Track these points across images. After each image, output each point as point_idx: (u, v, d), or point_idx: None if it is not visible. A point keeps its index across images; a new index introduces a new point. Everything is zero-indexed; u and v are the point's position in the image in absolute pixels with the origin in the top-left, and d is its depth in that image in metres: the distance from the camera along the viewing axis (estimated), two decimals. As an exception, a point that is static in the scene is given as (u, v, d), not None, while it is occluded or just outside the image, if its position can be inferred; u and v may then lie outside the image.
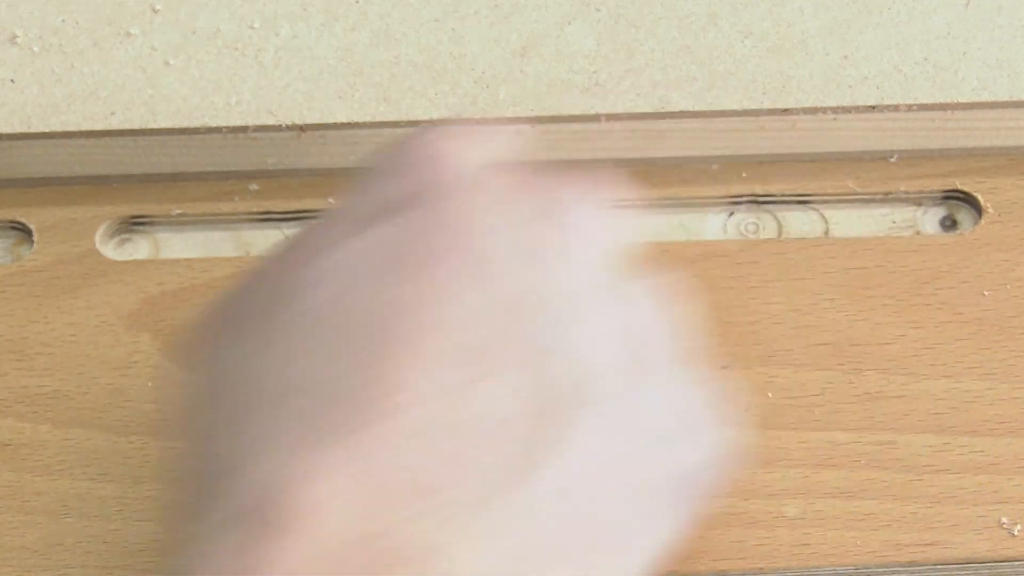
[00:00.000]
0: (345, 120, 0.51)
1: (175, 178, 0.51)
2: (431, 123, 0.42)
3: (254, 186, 0.51)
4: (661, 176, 0.51)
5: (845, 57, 0.52)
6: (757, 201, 0.51)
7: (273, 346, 0.37)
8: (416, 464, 0.35)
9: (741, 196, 0.51)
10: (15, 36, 0.52)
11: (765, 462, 0.46)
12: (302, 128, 0.51)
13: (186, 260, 0.50)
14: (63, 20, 0.52)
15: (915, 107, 0.51)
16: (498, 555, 0.35)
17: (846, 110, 0.51)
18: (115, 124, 0.50)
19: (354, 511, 0.34)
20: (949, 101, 0.51)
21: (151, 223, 0.51)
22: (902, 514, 0.45)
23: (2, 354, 0.48)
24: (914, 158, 0.51)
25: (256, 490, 0.34)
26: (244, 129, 0.50)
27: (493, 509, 0.35)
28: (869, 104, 0.51)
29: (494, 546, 0.35)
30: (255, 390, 0.36)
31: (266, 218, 0.51)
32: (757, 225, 0.51)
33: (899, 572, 0.45)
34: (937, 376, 0.47)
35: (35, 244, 0.50)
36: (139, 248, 0.51)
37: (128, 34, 0.52)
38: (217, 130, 0.50)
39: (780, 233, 0.51)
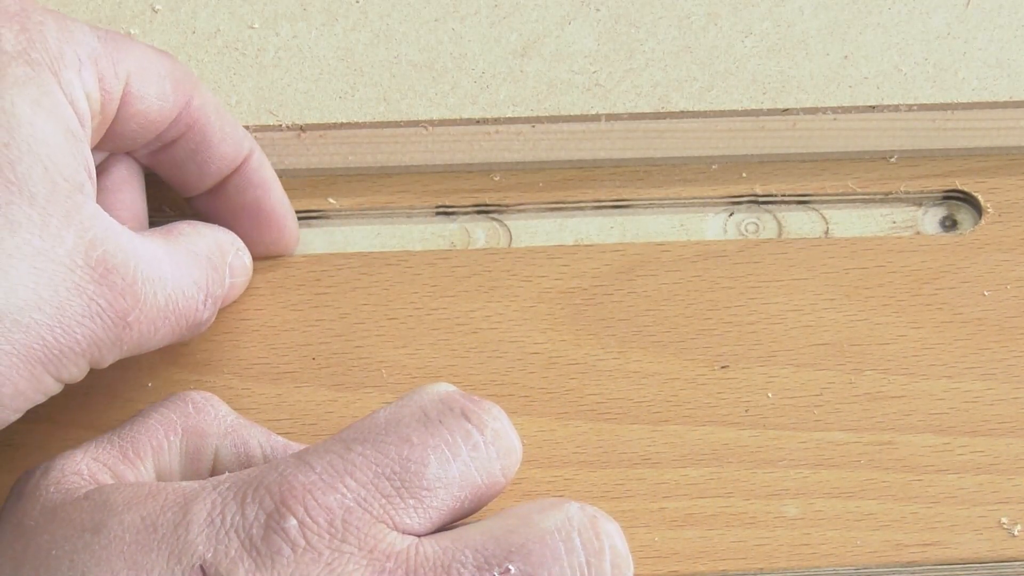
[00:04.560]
0: (345, 120, 0.51)
1: (175, 178, 0.51)
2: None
3: (254, 186, 0.51)
4: (661, 176, 0.51)
5: (845, 57, 0.52)
6: (757, 201, 0.51)
7: None
8: None
9: (741, 196, 0.51)
10: (15, 36, 0.52)
11: (765, 462, 0.46)
12: (302, 128, 0.51)
13: (186, 260, 0.50)
14: (63, 20, 0.52)
15: (915, 107, 0.51)
16: None
17: (846, 110, 0.51)
18: (115, 124, 0.50)
19: None
20: (949, 101, 0.51)
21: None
22: (902, 514, 0.45)
23: (2, 354, 0.48)
24: (914, 158, 0.51)
25: None
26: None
27: None
28: (869, 104, 0.51)
29: None
30: None
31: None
32: (757, 225, 0.51)
33: (899, 572, 0.45)
34: (937, 376, 0.47)
35: (35, 244, 0.50)
36: (139, 248, 0.51)
37: (128, 34, 0.52)
38: (217, 130, 0.50)
39: (780, 233, 0.51)
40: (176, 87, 0.45)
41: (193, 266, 0.45)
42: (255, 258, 0.49)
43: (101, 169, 0.47)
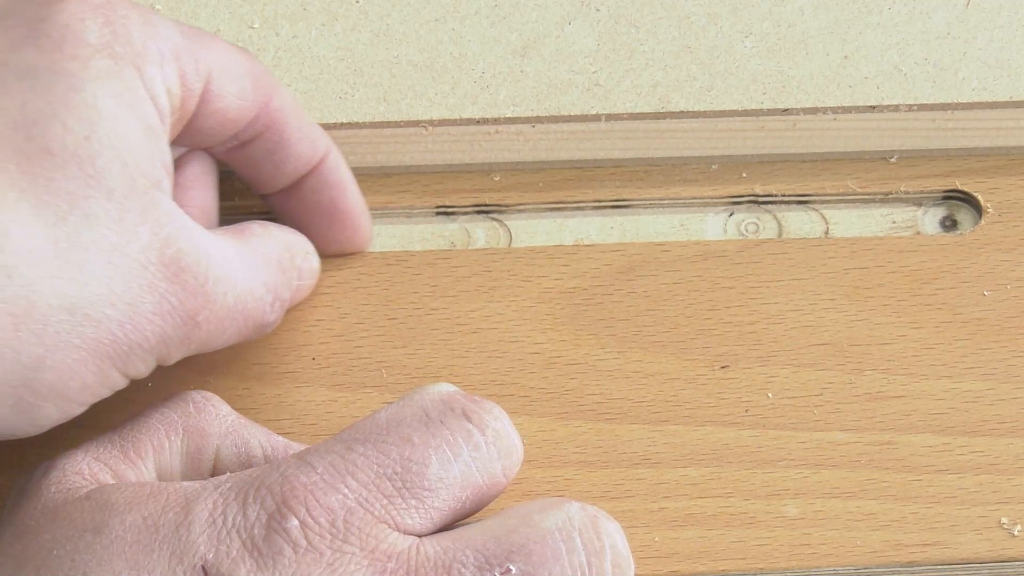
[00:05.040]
0: (345, 120, 0.51)
1: (175, 178, 0.51)
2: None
3: (255, 186, 0.51)
4: (661, 176, 0.51)
5: (845, 57, 0.52)
6: (757, 201, 0.51)
7: None
8: None
9: (741, 196, 0.51)
10: (15, 36, 0.52)
11: (765, 462, 0.46)
12: (302, 128, 0.51)
13: (186, 260, 0.50)
14: (63, 20, 0.52)
15: (915, 107, 0.51)
16: None
17: (846, 110, 0.51)
18: (115, 124, 0.50)
19: None
20: (949, 101, 0.51)
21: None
22: (902, 514, 0.45)
23: (2, 354, 0.48)
24: (914, 158, 0.51)
25: None
26: (244, 129, 0.50)
27: None
28: (869, 104, 0.51)
29: None
30: None
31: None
32: (757, 225, 0.51)
33: (899, 572, 0.45)
34: (937, 376, 0.47)
35: (35, 244, 0.50)
36: (139, 248, 0.51)
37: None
38: (217, 130, 0.50)
39: (780, 233, 0.51)
40: (256, 86, 0.45)
41: (263, 268, 0.45)
42: (328, 256, 0.49)
43: (176, 165, 0.47)
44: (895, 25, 0.53)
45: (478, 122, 0.51)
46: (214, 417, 0.43)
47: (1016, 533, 0.45)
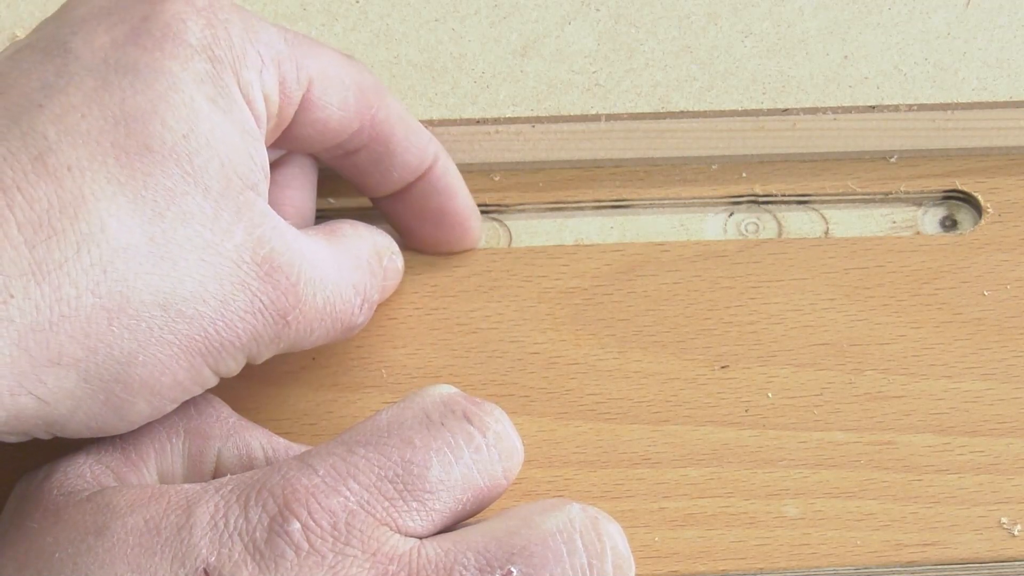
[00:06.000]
0: (345, 120, 0.51)
1: (175, 178, 0.50)
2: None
3: (254, 186, 0.51)
4: (661, 176, 0.51)
5: (845, 57, 0.52)
6: (757, 201, 0.51)
7: None
8: None
9: (741, 196, 0.51)
10: (15, 36, 0.52)
11: (765, 462, 0.46)
12: (302, 128, 0.51)
13: (186, 260, 0.50)
14: (63, 20, 0.52)
15: (915, 107, 0.51)
16: None
17: (846, 110, 0.51)
18: (115, 124, 0.50)
19: None
20: (949, 101, 0.51)
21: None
22: (902, 514, 0.45)
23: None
24: (914, 158, 0.52)
25: None
26: (244, 129, 0.50)
27: None
28: (869, 104, 0.51)
29: None
30: None
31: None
32: (757, 225, 0.51)
33: (899, 572, 0.45)
34: (937, 376, 0.47)
35: (35, 244, 0.50)
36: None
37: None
38: (217, 130, 0.50)
39: (780, 233, 0.51)
40: (360, 98, 0.45)
41: (354, 270, 0.45)
42: (435, 255, 0.49)
43: (276, 163, 0.47)
44: (895, 25, 0.53)
45: (478, 122, 0.51)
46: (215, 419, 0.43)
47: (1016, 533, 0.45)
